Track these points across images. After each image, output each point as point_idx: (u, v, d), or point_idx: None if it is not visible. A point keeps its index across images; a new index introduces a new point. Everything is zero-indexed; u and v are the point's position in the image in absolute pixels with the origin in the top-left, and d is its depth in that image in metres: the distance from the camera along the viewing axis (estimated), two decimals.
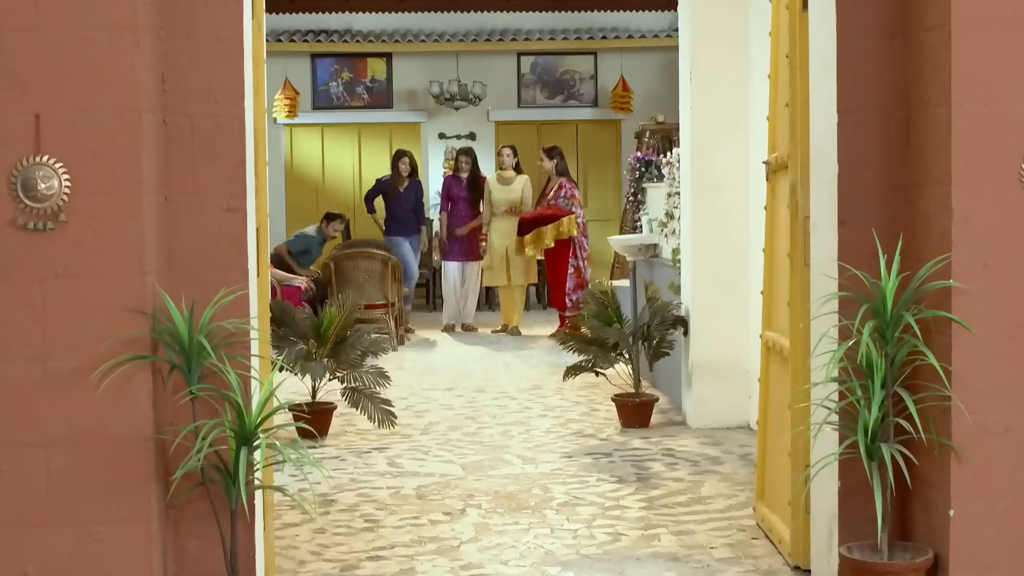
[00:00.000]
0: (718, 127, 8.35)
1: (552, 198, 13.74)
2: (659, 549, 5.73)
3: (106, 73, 4.28)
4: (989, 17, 4.34)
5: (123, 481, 4.32)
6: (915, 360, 4.44)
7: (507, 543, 5.86)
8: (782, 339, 5.55)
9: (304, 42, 18.25)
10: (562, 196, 13.69)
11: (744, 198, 8.25)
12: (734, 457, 7.59)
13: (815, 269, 4.98)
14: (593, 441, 8.18)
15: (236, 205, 4.56)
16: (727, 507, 6.43)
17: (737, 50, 8.29)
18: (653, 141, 15.29)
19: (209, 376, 4.37)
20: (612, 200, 18.49)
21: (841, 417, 4.60)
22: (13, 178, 4.24)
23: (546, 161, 14.06)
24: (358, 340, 8.53)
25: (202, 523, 4.50)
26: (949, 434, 4.37)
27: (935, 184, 4.46)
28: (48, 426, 4.29)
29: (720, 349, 8.46)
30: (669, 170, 9.91)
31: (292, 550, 5.77)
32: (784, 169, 5.52)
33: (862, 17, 4.68)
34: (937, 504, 4.46)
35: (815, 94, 4.98)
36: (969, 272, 4.36)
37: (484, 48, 18.40)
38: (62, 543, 4.31)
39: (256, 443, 4.35)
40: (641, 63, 18.39)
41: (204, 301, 4.40)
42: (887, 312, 4.42)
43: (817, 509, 5.01)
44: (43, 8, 4.25)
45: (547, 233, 13.62)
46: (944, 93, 4.37)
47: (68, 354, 4.28)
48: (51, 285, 4.28)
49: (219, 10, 4.53)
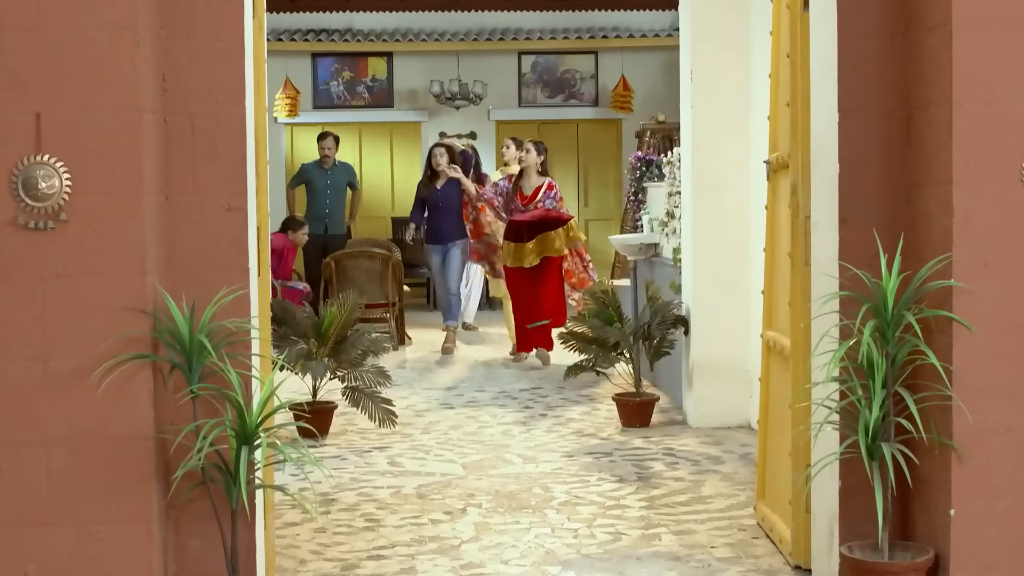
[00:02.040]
0: (719, 126, 8.35)
1: (541, 199, 11.70)
2: (660, 548, 5.73)
3: (107, 72, 4.28)
4: (990, 17, 4.34)
5: (124, 480, 4.32)
6: (916, 360, 4.44)
7: (508, 542, 5.86)
8: (783, 338, 5.54)
9: (305, 41, 18.26)
10: (551, 198, 11.72)
11: (745, 197, 8.25)
12: (735, 456, 7.59)
13: (816, 268, 4.98)
14: (594, 440, 8.18)
15: (237, 204, 4.56)
16: (728, 506, 6.43)
17: (738, 50, 8.28)
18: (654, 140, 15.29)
19: (210, 375, 4.37)
20: (613, 199, 18.49)
21: (842, 417, 4.60)
22: (14, 177, 4.24)
23: (533, 152, 11.92)
24: (359, 339, 8.52)
25: (203, 522, 4.50)
26: (950, 434, 4.37)
27: (936, 184, 4.46)
28: (49, 425, 4.29)
29: (721, 349, 8.46)
30: (670, 169, 9.91)
31: (293, 549, 5.77)
32: (785, 168, 5.52)
33: (863, 17, 4.68)
34: (938, 504, 4.46)
35: (816, 93, 4.98)
36: (970, 272, 4.36)
37: (485, 47, 18.41)
38: (63, 542, 4.31)
39: (257, 442, 4.35)
40: (642, 62, 18.39)
41: (205, 300, 4.40)
42: (888, 312, 4.42)
43: (818, 509, 5.01)
44: (44, 8, 4.25)
45: (556, 239, 11.51)
46: (945, 93, 4.37)
47: (69, 353, 4.29)
48: (52, 284, 4.28)
49: (220, 9, 4.53)
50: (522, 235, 11.47)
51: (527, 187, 11.83)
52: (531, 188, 11.81)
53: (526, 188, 11.82)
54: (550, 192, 11.78)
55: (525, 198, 11.76)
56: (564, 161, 18.62)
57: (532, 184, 11.83)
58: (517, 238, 11.51)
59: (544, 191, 11.78)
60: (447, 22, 18.51)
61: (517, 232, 11.55)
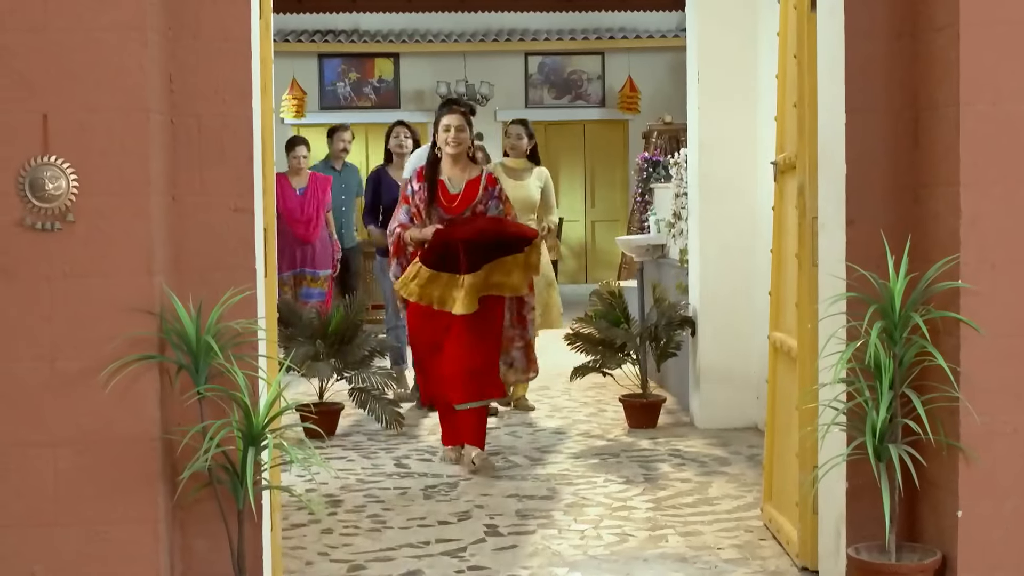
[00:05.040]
0: (726, 127, 8.34)
1: (479, 202, 7.39)
2: (666, 550, 5.73)
3: (114, 73, 4.28)
4: (998, 17, 4.33)
5: (130, 481, 4.32)
6: (923, 361, 4.43)
7: (514, 544, 5.85)
8: (790, 340, 5.54)
9: (311, 42, 18.29)
10: (494, 197, 7.44)
11: (752, 198, 8.24)
12: (742, 458, 7.58)
13: (823, 270, 4.97)
14: (600, 442, 8.18)
15: (244, 205, 4.56)
16: (735, 508, 6.42)
17: (745, 50, 8.27)
18: (660, 141, 15.31)
19: (216, 376, 4.37)
20: (619, 200, 18.50)
21: (849, 418, 4.59)
22: (21, 178, 4.24)
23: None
24: (365, 341, 8.53)
25: (209, 523, 4.50)
26: (957, 435, 4.36)
27: (944, 184, 4.45)
28: (55, 426, 4.29)
29: (728, 350, 8.45)
30: (676, 170, 9.90)
31: (299, 550, 5.77)
32: (792, 169, 5.51)
33: (870, 17, 4.67)
34: (945, 505, 4.45)
35: (823, 94, 4.97)
36: (977, 273, 4.35)
37: (491, 48, 18.43)
38: (69, 543, 4.31)
39: (263, 443, 4.35)
40: (649, 63, 18.41)
41: (212, 301, 4.40)
42: (895, 313, 4.41)
43: (825, 510, 5.01)
44: (51, 8, 4.25)
45: (514, 269, 7.31)
46: (953, 93, 4.36)
47: (76, 354, 4.29)
48: (59, 285, 4.28)
49: (227, 10, 4.53)
50: (457, 260, 7.14)
51: (454, 182, 7.41)
52: (460, 183, 7.40)
53: (452, 183, 7.40)
54: (492, 189, 7.41)
55: (451, 198, 7.38)
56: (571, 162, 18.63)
57: (461, 177, 7.42)
58: (447, 265, 7.19)
59: (484, 188, 7.39)
60: (454, 23, 18.53)
61: (448, 255, 7.18)
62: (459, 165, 7.43)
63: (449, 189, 7.37)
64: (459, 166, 7.43)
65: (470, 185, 7.40)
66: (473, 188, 7.39)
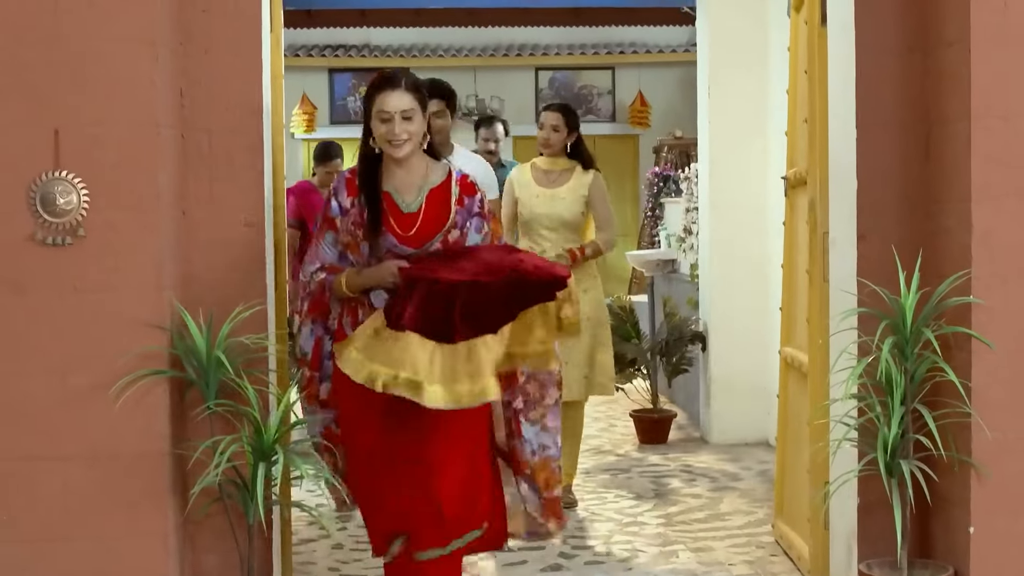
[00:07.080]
0: (736, 142, 8.34)
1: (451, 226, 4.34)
2: (677, 566, 5.71)
3: (125, 88, 4.29)
4: (1008, 33, 4.33)
5: (141, 496, 4.32)
6: (935, 376, 4.42)
7: (524, 559, 5.84)
8: (801, 355, 5.53)
9: (322, 57, 18.32)
10: (474, 214, 4.39)
11: (763, 213, 8.23)
12: (753, 473, 7.56)
13: (834, 285, 4.96)
14: (611, 457, 8.16)
15: (254, 220, 4.57)
16: (746, 524, 6.41)
17: (755, 65, 8.27)
18: (671, 156, 15.32)
19: (227, 391, 4.37)
20: (630, 215, 18.48)
21: (860, 434, 4.58)
22: (32, 193, 4.25)
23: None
24: None
25: (219, 538, 4.50)
26: (969, 451, 4.35)
27: (955, 200, 4.44)
28: (66, 440, 4.29)
29: (739, 365, 8.43)
30: (687, 185, 9.91)
31: (310, 566, 5.77)
32: (803, 184, 5.50)
33: (881, 32, 4.67)
34: (957, 521, 4.44)
35: (834, 109, 4.97)
36: (989, 288, 4.34)
37: (502, 63, 18.44)
38: (80, 557, 4.31)
39: (274, 458, 4.34)
40: (659, 78, 18.41)
41: (222, 316, 4.40)
42: (906, 328, 4.40)
43: (836, 526, 4.99)
44: (62, 23, 4.26)
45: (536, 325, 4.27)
46: (964, 108, 4.36)
47: (86, 369, 4.29)
48: (69, 300, 4.28)
49: (237, 25, 4.54)
50: (446, 318, 4.09)
51: (406, 194, 4.38)
52: (417, 194, 4.38)
53: (403, 197, 4.37)
54: (470, 200, 4.42)
55: (406, 221, 4.34)
56: None
57: (417, 185, 4.39)
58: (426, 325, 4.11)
59: (458, 200, 4.40)
60: (464, 38, 18.55)
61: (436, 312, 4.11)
62: (412, 168, 4.39)
63: (400, 206, 4.36)
64: (413, 169, 4.40)
65: (434, 197, 4.38)
66: (439, 202, 4.39)
